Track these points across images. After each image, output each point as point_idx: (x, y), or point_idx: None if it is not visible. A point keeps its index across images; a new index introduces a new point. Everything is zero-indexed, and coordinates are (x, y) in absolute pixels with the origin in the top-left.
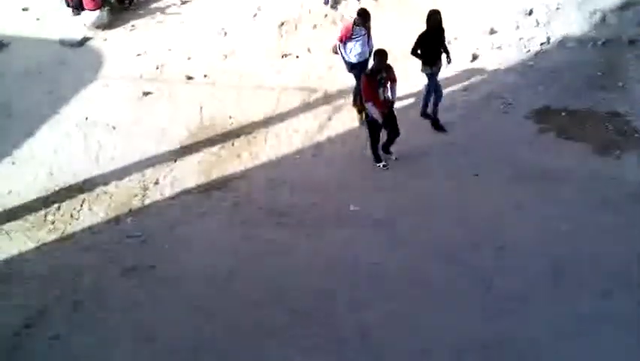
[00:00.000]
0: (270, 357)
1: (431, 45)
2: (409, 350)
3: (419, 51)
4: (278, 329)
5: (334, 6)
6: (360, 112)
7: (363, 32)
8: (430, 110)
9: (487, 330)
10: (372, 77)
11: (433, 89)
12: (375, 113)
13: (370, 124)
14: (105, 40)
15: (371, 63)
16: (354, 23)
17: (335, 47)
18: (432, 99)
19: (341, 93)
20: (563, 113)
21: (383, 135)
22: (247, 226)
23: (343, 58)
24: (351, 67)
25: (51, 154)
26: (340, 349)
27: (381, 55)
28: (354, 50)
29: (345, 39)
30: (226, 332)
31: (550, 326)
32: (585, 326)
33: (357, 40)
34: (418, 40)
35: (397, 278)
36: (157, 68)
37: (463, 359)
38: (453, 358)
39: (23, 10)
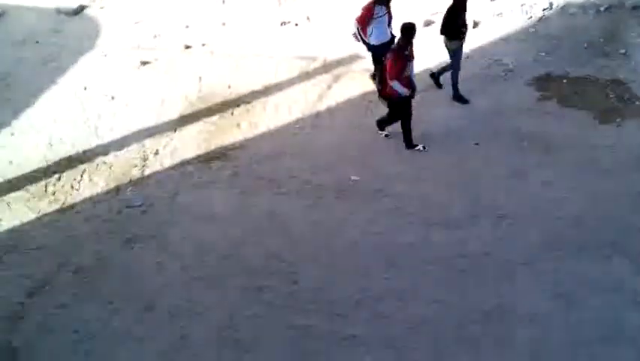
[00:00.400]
0: (271, 325)
1: (458, 19)
2: (410, 320)
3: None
4: (277, 298)
5: None
6: (386, 99)
7: (385, 11)
8: (438, 74)
9: (488, 298)
10: (400, 54)
11: (458, 63)
12: (401, 88)
13: (398, 104)
14: (102, 8)
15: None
16: (375, 2)
17: (358, 29)
18: (448, 67)
19: (341, 62)
20: (564, 81)
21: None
22: (247, 195)
23: (363, 40)
24: (373, 50)
25: (50, 124)
26: (340, 320)
27: (412, 30)
28: (375, 31)
29: (365, 20)
30: (225, 300)
31: (551, 292)
32: (585, 292)
33: (378, 21)
34: (447, 16)
35: (398, 249)
36: (155, 37)
37: (465, 328)
38: (455, 328)
39: None
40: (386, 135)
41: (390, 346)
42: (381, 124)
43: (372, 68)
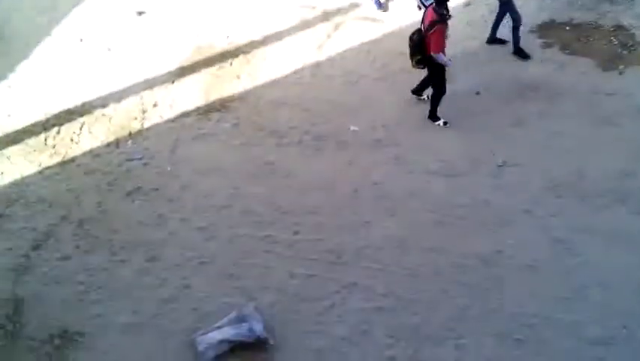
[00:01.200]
0: (273, 270)
1: None
2: (410, 267)
3: None
4: (280, 246)
5: None
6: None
7: None
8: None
9: (488, 245)
10: (446, 24)
11: (511, 13)
12: (444, 59)
13: (439, 73)
14: None
15: None
16: None
17: None
18: (511, 25)
19: (340, 10)
20: (567, 27)
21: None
22: (247, 147)
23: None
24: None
25: (47, 77)
26: (341, 268)
27: None
28: None
29: None
30: (228, 250)
31: (550, 239)
32: (583, 239)
33: None
34: None
35: (398, 198)
36: None
37: (464, 274)
38: (454, 273)
39: None
40: (445, 123)
41: (391, 292)
42: (419, 91)
43: (370, 15)
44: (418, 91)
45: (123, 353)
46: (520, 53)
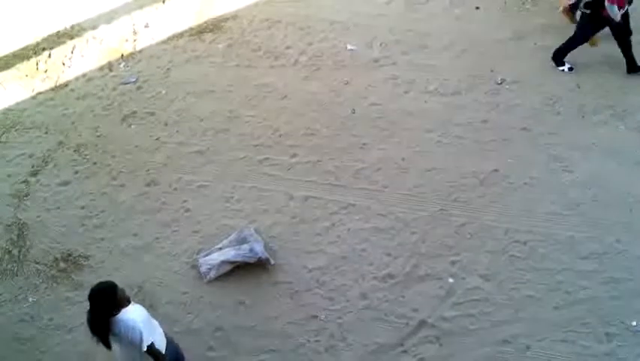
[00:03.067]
0: (272, 193)
1: None
2: (407, 188)
3: None
4: (277, 170)
5: None
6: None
7: None
8: None
9: (484, 163)
10: None
11: None
12: (617, 14)
13: (597, 21)
14: None
15: None
16: None
17: None
18: None
19: None
20: None
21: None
22: (242, 68)
23: None
24: None
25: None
26: (339, 190)
27: None
28: None
29: None
30: (227, 173)
31: (548, 156)
32: (580, 156)
33: None
34: None
35: (395, 117)
36: None
37: (462, 192)
38: (452, 192)
39: None
40: (570, 69)
41: (389, 213)
42: (560, 54)
43: None
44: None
45: (127, 276)
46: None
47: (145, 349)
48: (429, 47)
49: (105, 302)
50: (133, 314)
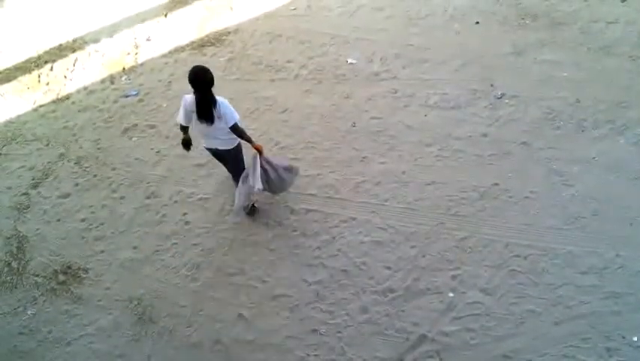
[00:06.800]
0: (273, 206)
1: None
2: (407, 202)
3: None
4: None
5: None
6: None
7: None
8: None
9: (484, 177)
10: None
11: None
12: None
13: None
14: None
15: None
16: None
17: None
18: None
19: None
20: None
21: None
22: (243, 82)
23: None
24: None
25: (36, 12)
26: (339, 203)
27: None
28: None
29: None
30: (228, 187)
31: (548, 170)
32: (580, 171)
33: None
34: None
35: (395, 131)
36: None
37: (461, 206)
38: (451, 206)
39: None
40: None
41: (389, 226)
42: None
43: None
44: None
45: (126, 288)
46: None
47: (234, 123)
48: (429, 61)
49: (210, 77)
50: (221, 98)
